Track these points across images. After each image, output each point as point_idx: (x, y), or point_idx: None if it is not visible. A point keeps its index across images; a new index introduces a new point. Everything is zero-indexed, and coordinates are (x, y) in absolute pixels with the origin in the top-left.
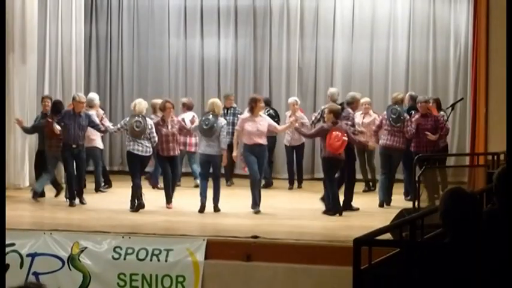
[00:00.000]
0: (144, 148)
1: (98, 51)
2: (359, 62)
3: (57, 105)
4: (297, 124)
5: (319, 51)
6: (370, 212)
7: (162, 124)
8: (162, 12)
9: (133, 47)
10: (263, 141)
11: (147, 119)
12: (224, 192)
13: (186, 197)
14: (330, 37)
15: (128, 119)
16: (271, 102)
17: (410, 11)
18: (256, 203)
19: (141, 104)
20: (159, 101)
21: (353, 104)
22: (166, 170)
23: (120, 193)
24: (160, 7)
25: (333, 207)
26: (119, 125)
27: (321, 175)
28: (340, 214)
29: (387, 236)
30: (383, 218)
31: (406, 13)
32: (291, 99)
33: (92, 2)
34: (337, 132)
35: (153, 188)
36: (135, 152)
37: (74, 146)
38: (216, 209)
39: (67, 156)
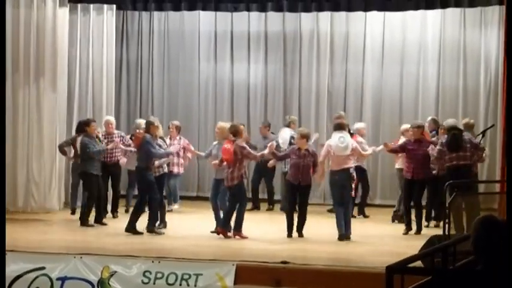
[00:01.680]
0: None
1: (128, 76)
2: (389, 87)
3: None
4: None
5: (348, 76)
6: (398, 237)
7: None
8: (192, 37)
9: (163, 71)
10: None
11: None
12: (250, 216)
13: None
14: (360, 62)
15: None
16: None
17: (441, 36)
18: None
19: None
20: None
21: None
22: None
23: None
24: (190, 32)
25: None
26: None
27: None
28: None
29: (418, 263)
30: (411, 244)
31: (436, 38)
32: (360, 125)
33: (123, 26)
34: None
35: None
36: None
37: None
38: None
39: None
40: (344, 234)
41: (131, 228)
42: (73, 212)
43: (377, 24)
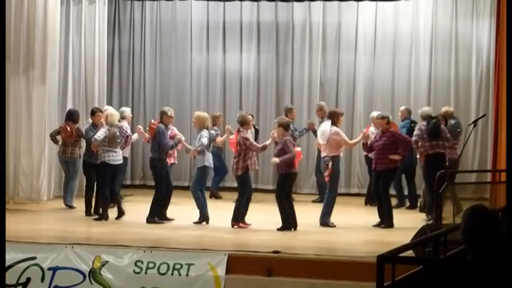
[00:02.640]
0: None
1: (120, 66)
2: (381, 78)
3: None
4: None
5: (341, 67)
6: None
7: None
8: (184, 27)
9: (155, 61)
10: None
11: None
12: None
13: (211, 211)
14: (352, 52)
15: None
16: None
17: (433, 27)
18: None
19: (112, 115)
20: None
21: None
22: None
23: (143, 207)
24: (183, 22)
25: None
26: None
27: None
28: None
29: (409, 252)
30: (402, 233)
31: (428, 29)
32: (374, 114)
33: (115, 16)
34: (296, 149)
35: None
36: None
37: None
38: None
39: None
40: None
41: (152, 219)
42: (70, 206)
43: (369, 14)
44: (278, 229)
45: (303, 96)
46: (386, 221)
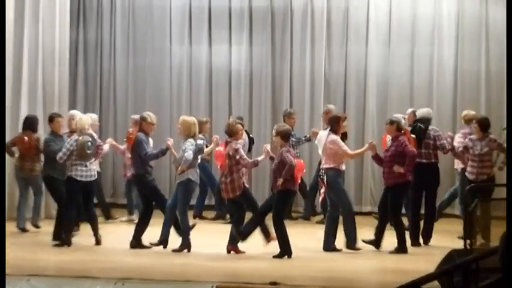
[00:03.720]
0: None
1: (86, 60)
2: (397, 72)
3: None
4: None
5: (349, 60)
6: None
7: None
8: (162, 14)
9: (128, 55)
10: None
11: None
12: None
13: (196, 235)
14: (363, 43)
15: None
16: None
17: (459, 11)
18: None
19: (81, 119)
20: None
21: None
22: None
23: (111, 229)
24: (160, 8)
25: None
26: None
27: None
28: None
29: (434, 283)
30: (419, 259)
31: (453, 13)
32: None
33: (80, 2)
34: (297, 160)
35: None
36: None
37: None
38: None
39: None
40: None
41: (137, 243)
42: (23, 229)
43: None
44: (274, 256)
45: (304, 96)
46: (399, 245)
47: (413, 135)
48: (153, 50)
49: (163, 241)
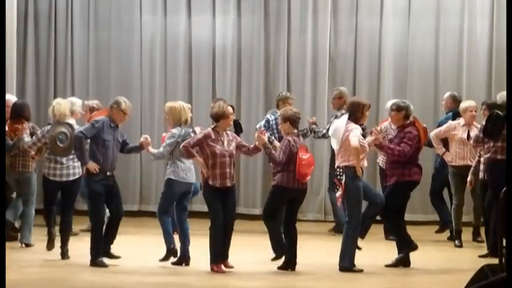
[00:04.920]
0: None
1: (37, 35)
2: (418, 50)
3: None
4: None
5: (360, 35)
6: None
7: None
8: None
9: (88, 28)
10: None
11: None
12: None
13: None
14: (377, 14)
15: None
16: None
17: None
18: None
19: (60, 105)
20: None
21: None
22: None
23: (81, 241)
24: None
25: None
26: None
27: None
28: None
29: None
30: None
31: None
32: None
33: None
34: (306, 154)
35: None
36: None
37: (109, 173)
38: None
39: (100, 191)
40: (340, 265)
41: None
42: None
43: None
44: (279, 268)
45: (304, 78)
46: (398, 256)
47: (424, 125)
48: (119, 22)
49: (182, 257)
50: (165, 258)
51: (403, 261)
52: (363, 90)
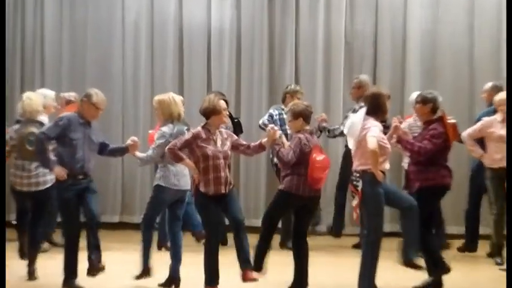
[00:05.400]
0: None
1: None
2: (450, 33)
3: None
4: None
5: (381, 15)
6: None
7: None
8: None
9: (61, 6)
10: None
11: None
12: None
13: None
14: None
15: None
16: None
17: None
18: None
19: (31, 100)
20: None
21: None
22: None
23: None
24: None
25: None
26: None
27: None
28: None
29: None
30: None
31: None
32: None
33: None
34: (321, 155)
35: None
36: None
37: (80, 177)
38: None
39: (71, 199)
40: None
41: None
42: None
43: None
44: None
45: (315, 65)
46: (428, 278)
47: (453, 121)
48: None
49: (171, 278)
50: (140, 277)
51: (434, 285)
52: (385, 79)
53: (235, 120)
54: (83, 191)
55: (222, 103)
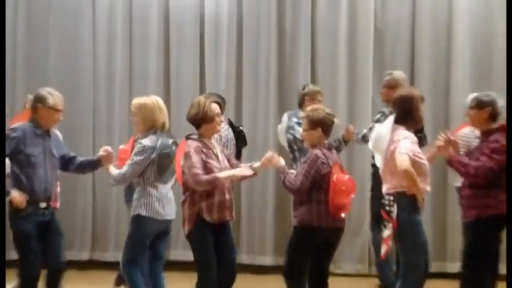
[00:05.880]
0: None
1: None
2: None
3: None
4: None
5: None
6: None
7: None
8: None
9: None
10: None
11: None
12: None
13: None
14: None
15: None
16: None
17: None
18: None
19: None
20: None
21: None
22: None
23: None
24: None
25: None
26: None
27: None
28: None
29: None
30: None
31: None
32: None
33: None
34: (343, 175)
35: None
36: None
37: (43, 205)
38: None
39: (30, 232)
40: None
41: None
42: None
43: None
44: None
45: (336, 60)
46: None
47: None
48: None
49: None
50: None
51: None
52: (425, 77)
53: (238, 129)
54: (46, 226)
55: (215, 107)
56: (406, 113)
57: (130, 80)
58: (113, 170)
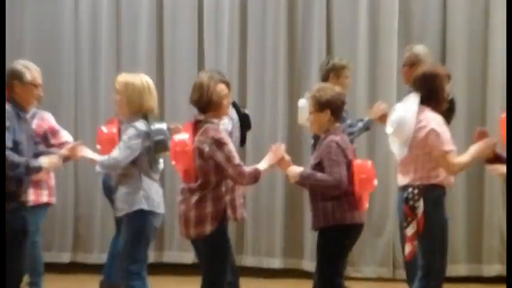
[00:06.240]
0: None
1: None
2: None
3: None
4: None
5: None
6: None
7: None
8: None
9: None
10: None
11: None
12: None
13: None
14: None
15: None
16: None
17: None
18: None
19: None
20: None
21: None
22: None
23: None
24: None
25: None
26: None
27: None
28: None
29: None
30: None
31: None
32: None
33: None
34: (363, 161)
35: None
36: None
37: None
38: None
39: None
40: None
41: None
42: None
43: None
44: None
45: (355, 35)
46: None
47: None
48: None
49: None
50: None
51: None
52: (458, 56)
53: (243, 112)
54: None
55: (221, 88)
56: (430, 93)
57: (117, 59)
58: (96, 156)
